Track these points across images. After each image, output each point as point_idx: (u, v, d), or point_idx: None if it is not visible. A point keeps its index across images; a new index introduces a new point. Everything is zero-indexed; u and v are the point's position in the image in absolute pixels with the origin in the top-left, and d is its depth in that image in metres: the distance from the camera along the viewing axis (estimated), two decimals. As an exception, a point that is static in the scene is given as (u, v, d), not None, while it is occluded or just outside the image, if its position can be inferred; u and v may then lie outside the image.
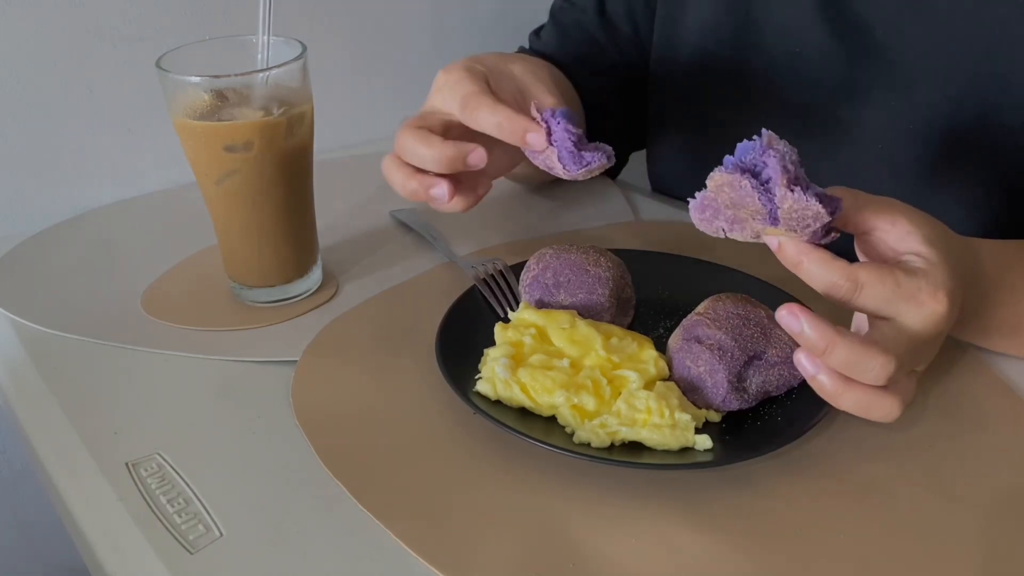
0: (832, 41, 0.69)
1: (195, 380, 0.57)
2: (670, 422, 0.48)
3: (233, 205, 0.60)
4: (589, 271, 0.57)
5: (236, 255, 0.63)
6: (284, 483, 0.48)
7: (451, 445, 0.50)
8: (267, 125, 0.57)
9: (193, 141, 0.58)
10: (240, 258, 0.63)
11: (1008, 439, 0.51)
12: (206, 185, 0.61)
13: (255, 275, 0.63)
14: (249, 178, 0.59)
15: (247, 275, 0.63)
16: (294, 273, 0.64)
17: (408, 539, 0.44)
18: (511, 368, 0.51)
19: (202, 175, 0.60)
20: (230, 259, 0.64)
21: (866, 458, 0.49)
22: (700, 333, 0.51)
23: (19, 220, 0.82)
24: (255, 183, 0.59)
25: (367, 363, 0.57)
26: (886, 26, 0.66)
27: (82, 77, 0.82)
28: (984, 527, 0.45)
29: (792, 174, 0.42)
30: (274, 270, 0.63)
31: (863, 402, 0.44)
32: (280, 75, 0.58)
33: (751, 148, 0.43)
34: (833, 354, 0.43)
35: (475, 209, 0.59)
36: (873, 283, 0.44)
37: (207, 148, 0.58)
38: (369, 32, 1.00)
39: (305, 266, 0.65)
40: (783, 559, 0.43)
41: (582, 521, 0.45)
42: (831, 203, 0.42)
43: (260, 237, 0.62)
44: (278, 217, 0.61)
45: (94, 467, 0.49)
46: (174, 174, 0.90)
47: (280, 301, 0.64)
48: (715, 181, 0.43)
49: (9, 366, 0.60)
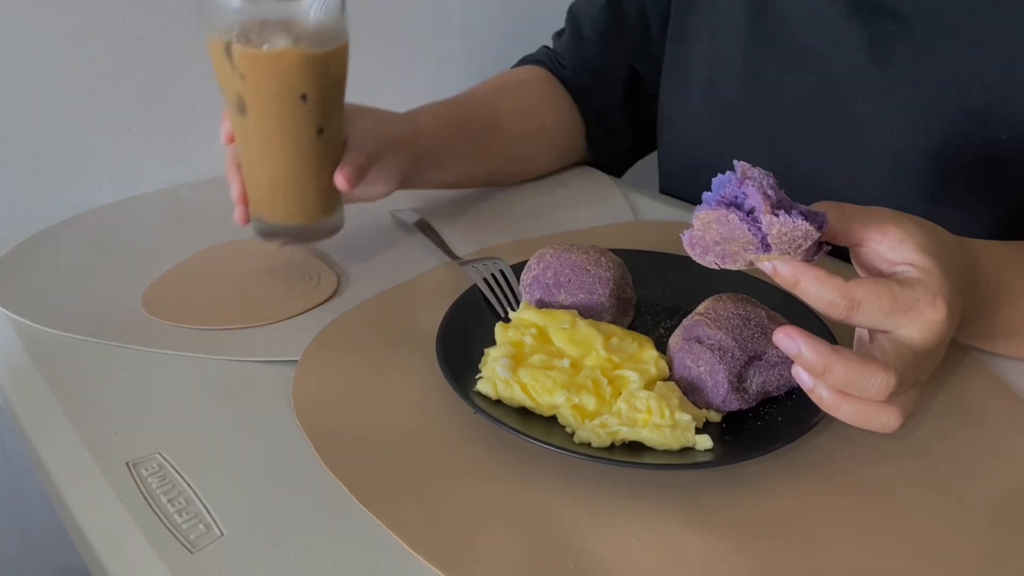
0: (847, 33, 0.69)
1: (195, 380, 0.57)
2: (670, 422, 0.48)
3: (262, 136, 0.60)
4: (590, 271, 0.57)
5: (260, 188, 0.63)
6: (284, 483, 0.48)
7: (451, 445, 0.50)
8: (304, 56, 0.57)
9: (227, 69, 0.58)
10: (264, 192, 0.63)
11: (1008, 440, 0.51)
12: (234, 115, 0.61)
13: (280, 211, 0.63)
14: (281, 110, 0.59)
15: (272, 211, 0.63)
16: (318, 212, 0.64)
17: (408, 539, 0.44)
18: (512, 368, 0.51)
19: (231, 104, 0.60)
20: (254, 193, 0.63)
21: (866, 458, 0.49)
22: (701, 333, 0.51)
23: (19, 220, 0.82)
24: (288, 114, 0.59)
25: (367, 363, 0.57)
26: (900, 18, 0.66)
27: (82, 77, 0.82)
28: (984, 527, 0.45)
29: (774, 199, 0.42)
30: (298, 207, 0.63)
31: (862, 414, 0.44)
32: (320, 7, 0.58)
33: (727, 181, 0.43)
34: (832, 374, 0.43)
35: (476, 209, 0.60)
36: (870, 299, 0.43)
37: (240, 76, 0.58)
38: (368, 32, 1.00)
39: (330, 206, 0.64)
40: (783, 559, 0.43)
41: (582, 521, 0.45)
42: (816, 219, 0.42)
43: (287, 171, 0.61)
44: (305, 152, 0.61)
45: (94, 467, 0.49)
46: (174, 174, 0.90)
47: (301, 242, 0.64)
48: (701, 219, 0.43)
49: (9, 366, 0.60)
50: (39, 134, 0.82)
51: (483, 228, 0.76)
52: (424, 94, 0.83)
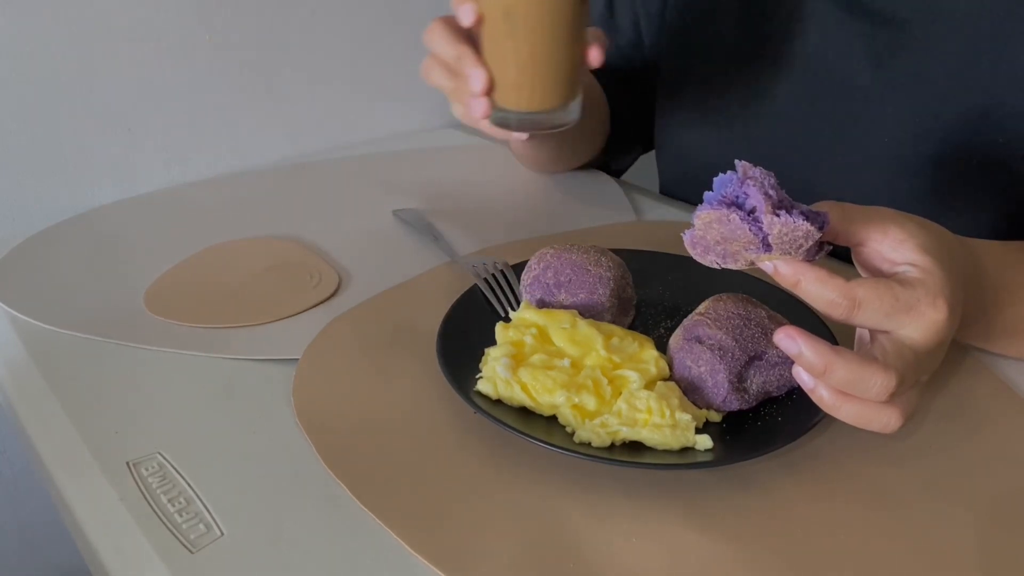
0: (845, 37, 0.69)
1: (196, 379, 0.57)
2: (671, 422, 0.48)
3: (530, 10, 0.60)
4: (590, 271, 0.57)
5: (510, 74, 0.63)
6: (284, 483, 0.48)
7: (451, 445, 0.50)
8: None
9: None
10: (514, 78, 0.62)
11: (1009, 440, 0.51)
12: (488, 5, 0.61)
13: (533, 96, 0.63)
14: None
15: (519, 98, 0.63)
16: (569, 96, 0.64)
17: (408, 538, 0.44)
18: (512, 368, 0.51)
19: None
20: (503, 79, 0.63)
21: (866, 458, 0.49)
22: (701, 333, 0.51)
23: (19, 220, 0.82)
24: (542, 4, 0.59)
25: (368, 362, 0.57)
26: (898, 23, 0.66)
27: (82, 77, 0.82)
28: (985, 528, 0.45)
29: (775, 199, 0.42)
30: (553, 90, 0.63)
31: (862, 415, 0.44)
32: None
33: (728, 181, 0.43)
34: (832, 375, 0.43)
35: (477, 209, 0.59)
36: (871, 299, 0.43)
37: None
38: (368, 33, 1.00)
39: (577, 91, 0.65)
40: (783, 559, 0.43)
41: (582, 521, 0.45)
42: (817, 219, 0.42)
43: (547, 49, 0.61)
44: (569, 25, 0.61)
45: (95, 467, 0.49)
46: (175, 174, 0.91)
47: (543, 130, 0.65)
48: (702, 219, 0.43)
49: (10, 365, 0.60)
50: (39, 134, 0.82)
51: (484, 227, 0.76)
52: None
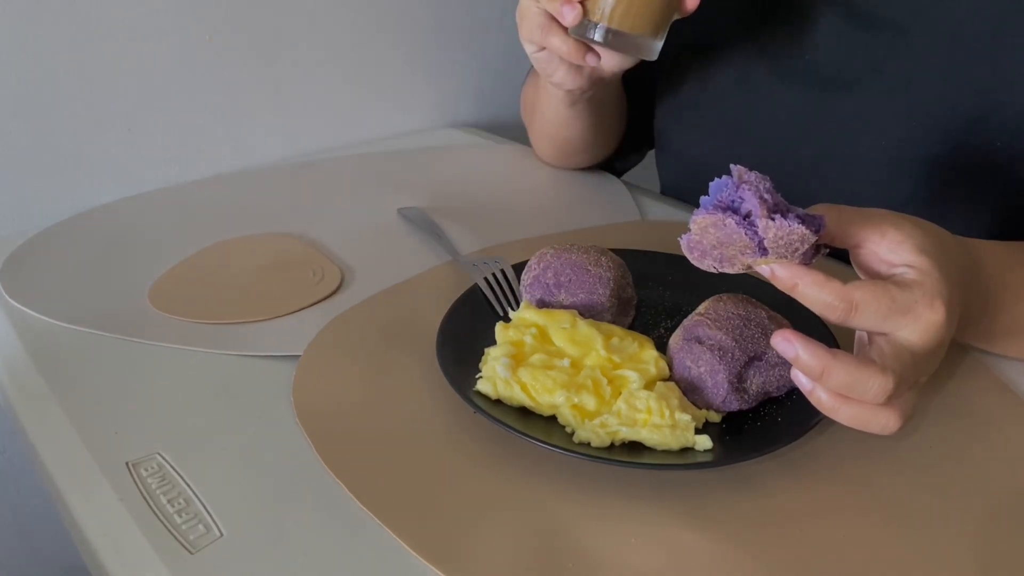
0: (843, 42, 0.69)
1: (195, 379, 0.57)
2: (670, 422, 0.48)
3: None
4: (590, 271, 0.57)
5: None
6: (284, 483, 0.48)
7: (451, 444, 0.50)
8: None
9: None
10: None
11: (1008, 440, 0.51)
12: None
13: (618, 14, 0.64)
14: None
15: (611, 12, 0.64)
16: (662, 26, 0.65)
17: (408, 538, 0.44)
18: (512, 367, 0.51)
19: None
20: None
21: (866, 459, 0.49)
22: (701, 333, 0.51)
23: (19, 220, 0.82)
24: None
25: (368, 361, 0.57)
26: (896, 27, 0.66)
27: (82, 77, 0.82)
28: (984, 528, 0.45)
29: (770, 203, 0.42)
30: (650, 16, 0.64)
31: (861, 417, 0.44)
32: None
33: (724, 186, 0.43)
34: (830, 378, 0.43)
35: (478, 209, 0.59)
36: (868, 302, 0.43)
37: None
38: (370, 32, 1.00)
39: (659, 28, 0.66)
40: (783, 559, 0.43)
41: (582, 521, 0.45)
42: (814, 222, 0.43)
43: None
44: None
45: (94, 467, 0.49)
46: (174, 174, 0.91)
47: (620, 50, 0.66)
48: (698, 224, 0.44)
49: (9, 365, 0.60)
50: (39, 134, 0.82)
51: (486, 227, 0.76)
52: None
